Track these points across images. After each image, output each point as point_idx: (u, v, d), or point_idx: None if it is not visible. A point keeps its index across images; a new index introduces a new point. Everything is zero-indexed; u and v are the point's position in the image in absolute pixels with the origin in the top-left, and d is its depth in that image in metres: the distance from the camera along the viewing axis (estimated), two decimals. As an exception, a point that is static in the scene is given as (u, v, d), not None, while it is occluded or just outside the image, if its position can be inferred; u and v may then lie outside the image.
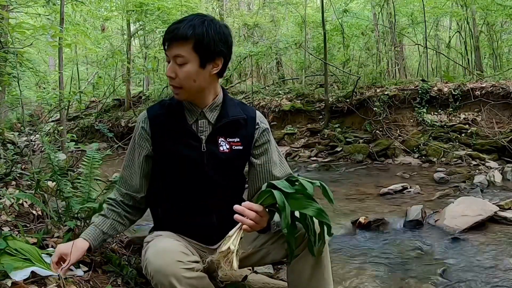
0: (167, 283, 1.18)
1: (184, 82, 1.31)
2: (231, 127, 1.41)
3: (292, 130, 7.98)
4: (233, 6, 13.51)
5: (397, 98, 7.15)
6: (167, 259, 1.21)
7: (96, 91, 11.45)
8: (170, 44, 1.29)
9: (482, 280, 2.22)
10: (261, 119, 1.49)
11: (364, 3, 11.19)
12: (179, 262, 1.21)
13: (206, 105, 1.40)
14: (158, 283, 1.20)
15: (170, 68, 1.31)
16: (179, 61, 1.29)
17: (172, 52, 1.29)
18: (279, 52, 11.08)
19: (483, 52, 10.06)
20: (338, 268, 2.47)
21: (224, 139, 1.41)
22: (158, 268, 1.19)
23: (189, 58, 1.29)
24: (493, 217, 3.17)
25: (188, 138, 1.38)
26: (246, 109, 1.49)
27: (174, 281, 1.18)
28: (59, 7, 5.29)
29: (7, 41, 3.88)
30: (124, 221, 1.47)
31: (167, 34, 1.29)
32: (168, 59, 1.32)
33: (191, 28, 1.27)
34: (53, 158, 1.84)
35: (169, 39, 1.29)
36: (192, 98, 1.38)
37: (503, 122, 6.30)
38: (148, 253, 1.26)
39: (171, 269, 1.19)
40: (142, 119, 1.43)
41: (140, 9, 9.37)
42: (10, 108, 5.76)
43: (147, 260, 1.24)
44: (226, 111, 1.41)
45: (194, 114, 1.40)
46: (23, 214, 1.95)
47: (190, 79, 1.31)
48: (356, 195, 4.39)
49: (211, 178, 1.39)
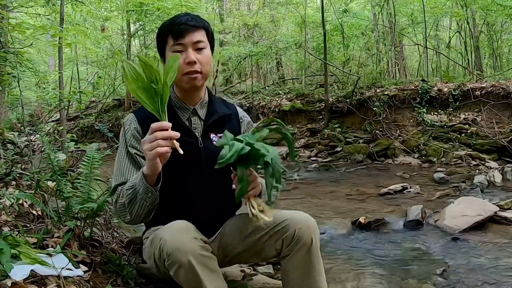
0: (185, 260, 1.17)
1: (204, 67, 1.38)
2: (220, 123, 1.48)
3: (292, 130, 7.98)
4: (233, 6, 13.52)
5: (397, 98, 7.15)
6: (184, 237, 1.21)
7: (96, 91, 11.46)
8: (189, 32, 1.35)
9: (482, 280, 2.22)
10: (243, 114, 1.59)
11: (364, 3, 11.19)
12: (196, 240, 1.23)
13: (197, 102, 1.46)
14: (175, 262, 1.19)
15: (190, 55, 1.35)
16: (201, 45, 1.37)
17: (194, 37, 1.36)
18: (279, 52, 11.09)
19: (483, 52, 10.07)
20: (338, 268, 2.47)
21: (215, 135, 1.46)
22: (176, 246, 1.19)
23: (207, 44, 1.39)
24: (493, 217, 3.17)
25: (184, 135, 1.37)
26: (228, 105, 1.58)
27: (192, 258, 1.18)
28: (59, 7, 5.30)
29: (7, 41, 3.88)
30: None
31: (184, 24, 1.35)
32: (182, 48, 1.35)
33: (200, 19, 1.39)
34: (53, 158, 1.84)
35: (189, 27, 1.35)
36: (201, 88, 1.44)
37: (503, 122, 6.30)
38: (163, 233, 1.24)
39: (189, 246, 1.20)
40: (131, 121, 1.42)
41: (140, 9, 9.37)
42: (10, 108, 5.76)
43: (162, 240, 1.22)
44: (215, 108, 1.49)
45: (186, 112, 1.44)
46: (23, 214, 1.95)
47: (209, 63, 1.40)
48: (356, 195, 4.39)
49: (209, 174, 1.39)
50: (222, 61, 11.19)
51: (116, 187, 1.37)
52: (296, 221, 1.39)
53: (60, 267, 1.40)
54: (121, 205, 1.32)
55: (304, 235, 1.36)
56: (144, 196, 1.26)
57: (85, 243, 1.72)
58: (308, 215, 1.45)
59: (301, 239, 1.36)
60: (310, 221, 1.41)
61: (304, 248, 1.36)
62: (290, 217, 1.41)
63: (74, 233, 1.70)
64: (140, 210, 1.29)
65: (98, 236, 1.90)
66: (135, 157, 1.39)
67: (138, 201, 1.28)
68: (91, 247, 1.73)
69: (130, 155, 1.39)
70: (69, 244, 1.64)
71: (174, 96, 1.46)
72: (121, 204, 1.32)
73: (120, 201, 1.32)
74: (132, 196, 1.28)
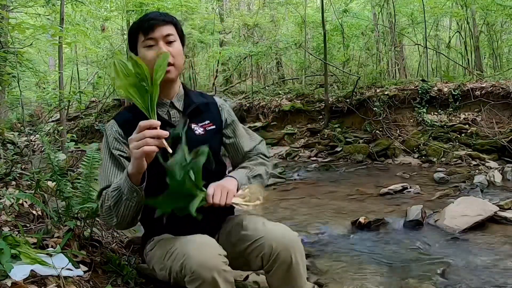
0: (210, 277, 1.16)
1: (177, 59, 1.39)
2: (198, 113, 1.49)
3: (292, 130, 7.99)
4: (233, 6, 13.52)
5: (397, 98, 7.15)
6: (209, 253, 1.21)
7: (96, 91, 11.44)
8: (159, 26, 1.38)
9: (482, 280, 2.22)
10: (221, 102, 1.60)
11: (364, 3, 11.19)
12: (220, 256, 1.22)
13: (173, 95, 1.47)
14: (199, 278, 1.17)
15: (162, 47, 1.36)
16: (171, 38, 1.39)
17: (163, 31, 1.38)
18: (279, 52, 11.09)
19: (483, 52, 10.07)
20: (338, 268, 2.48)
21: (196, 124, 1.48)
22: (201, 262, 1.17)
23: (176, 37, 1.41)
24: (493, 217, 3.17)
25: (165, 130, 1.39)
26: (205, 96, 1.60)
27: (216, 275, 1.17)
28: (59, 7, 5.30)
29: (7, 41, 3.88)
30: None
31: (153, 20, 1.38)
32: (153, 42, 1.37)
33: (168, 15, 1.42)
34: (53, 158, 1.84)
35: (158, 22, 1.38)
36: (174, 81, 1.45)
37: (503, 122, 6.30)
38: (187, 249, 1.22)
39: (214, 262, 1.19)
40: (112, 125, 1.42)
41: (140, 9, 9.36)
42: (10, 108, 5.76)
43: (186, 256, 1.20)
44: (191, 99, 1.50)
45: (164, 107, 1.45)
46: (23, 214, 1.95)
47: (180, 55, 1.41)
48: (356, 195, 4.39)
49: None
50: (222, 61, 11.20)
51: (101, 191, 1.35)
52: (271, 239, 1.32)
53: (60, 267, 1.40)
54: (107, 208, 1.30)
55: (282, 254, 1.30)
56: (129, 196, 1.25)
57: (85, 243, 1.72)
58: (287, 231, 1.38)
59: (278, 258, 1.30)
60: (287, 238, 1.34)
61: (283, 266, 1.31)
62: (265, 234, 1.34)
63: (74, 233, 1.70)
64: (126, 211, 1.28)
65: (98, 236, 1.90)
66: (119, 159, 1.38)
67: (124, 202, 1.26)
68: (91, 247, 1.73)
69: (113, 158, 1.38)
70: (69, 244, 1.64)
71: None
72: (107, 207, 1.30)
73: (106, 204, 1.30)
74: (118, 197, 1.26)
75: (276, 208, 3.92)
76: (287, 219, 3.53)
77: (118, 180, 1.29)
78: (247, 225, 1.40)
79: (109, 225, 1.40)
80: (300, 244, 1.34)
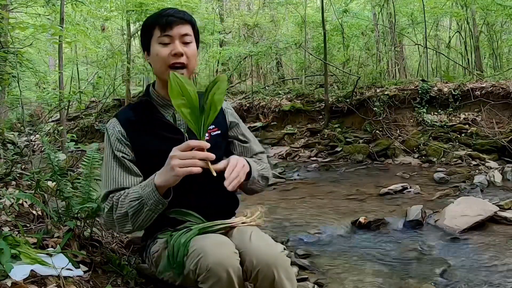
0: (225, 274, 1.15)
1: (191, 61, 1.36)
2: None
3: (292, 130, 7.99)
4: (233, 6, 13.51)
5: (397, 98, 7.15)
6: (226, 251, 1.20)
7: (96, 91, 11.43)
8: (178, 24, 1.33)
9: (482, 280, 2.22)
10: (226, 105, 1.55)
11: (364, 3, 11.19)
12: (235, 254, 1.22)
13: None
14: (215, 276, 1.15)
15: (177, 46, 1.32)
16: (187, 39, 1.35)
17: (182, 30, 1.34)
18: (279, 52, 11.08)
19: (483, 52, 10.06)
20: (338, 268, 2.48)
21: None
22: (218, 261, 1.16)
23: (193, 38, 1.37)
24: (493, 217, 3.18)
25: (169, 133, 1.37)
26: None
27: (232, 273, 1.16)
28: (59, 7, 5.29)
29: (7, 41, 3.88)
30: None
31: (172, 16, 1.33)
32: (169, 40, 1.33)
33: (187, 14, 1.37)
34: (53, 158, 1.84)
35: (177, 19, 1.33)
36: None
37: (503, 122, 6.30)
38: (203, 248, 1.20)
39: (230, 261, 1.18)
40: (114, 124, 1.38)
41: (140, 9, 9.36)
42: (10, 108, 5.76)
43: (202, 254, 1.18)
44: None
45: (169, 109, 1.41)
46: (23, 214, 1.95)
47: (195, 57, 1.38)
48: (356, 195, 4.39)
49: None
50: (222, 61, 11.20)
51: (108, 194, 1.31)
52: (252, 255, 1.25)
53: (60, 267, 1.40)
54: (120, 216, 1.27)
55: (263, 270, 1.23)
56: (153, 207, 1.23)
57: (85, 243, 1.72)
58: (270, 247, 1.29)
59: (260, 274, 1.23)
60: (269, 255, 1.25)
61: (266, 281, 1.24)
62: (247, 249, 1.27)
63: (74, 233, 1.70)
64: (145, 221, 1.26)
65: (98, 236, 1.89)
66: (123, 161, 1.34)
67: (145, 212, 1.24)
68: (91, 247, 1.73)
69: (117, 159, 1.34)
70: (69, 244, 1.64)
71: (156, 95, 1.43)
72: (120, 215, 1.27)
73: (120, 211, 1.27)
74: (138, 207, 1.24)
75: (276, 208, 3.92)
76: (287, 219, 3.53)
77: (137, 188, 1.26)
78: (235, 234, 1.34)
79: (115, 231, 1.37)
80: (284, 260, 1.27)
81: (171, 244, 1.26)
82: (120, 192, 1.30)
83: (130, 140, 1.36)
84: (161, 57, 1.33)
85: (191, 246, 1.24)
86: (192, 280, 1.21)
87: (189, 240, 1.25)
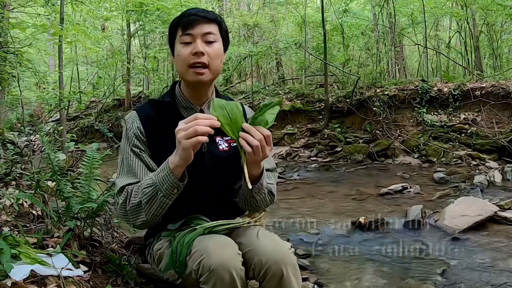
0: (228, 276, 1.14)
1: (213, 61, 1.30)
2: None
3: (292, 130, 7.99)
4: (233, 6, 13.51)
5: (397, 98, 7.15)
6: (229, 253, 1.19)
7: (96, 91, 11.44)
8: (199, 22, 1.29)
9: (482, 280, 2.22)
10: (249, 110, 1.51)
11: (364, 3, 11.20)
12: (238, 255, 1.21)
13: (204, 101, 1.38)
14: (217, 277, 1.14)
15: (198, 45, 1.27)
16: (211, 38, 1.29)
17: (204, 29, 1.29)
18: (279, 52, 11.09)
19: (483, 52, 10.07)
20: (338, 268, 2.48)
21: (221, 138, 1.39)
22: (221, 261, 1.15)
23: (218, 38, 1.32)
24: (493, 217, 3.18)
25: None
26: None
27: (234, 274, 1.15)
28: (59, 7, 5.30)
29: (7, 41, 3.88)
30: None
31: (193, 15, 1.29)
32: (191, 39, 1.29)
33: (212, 13, 1.32)
34: (53, 158, 1.84)
35: (198, 18, 1.29)
36: (209, 84, 1.36)
37: (503, 122, 6.30)
38: (206, 248, 1.19)
39: (233, 262, 1.17)
40: (134, 119, 1.35)
41: (140, 9, 9.37)
42: (10, 108, 5.75)
43: (205, 254, 1.17)
44: None
45: (191, 112, 1.33)
46: (23, 214, 1.95)
47: (219, 58, 1.32)
48: (356, 195, 4.39)
49: (212, 179, 1.36)
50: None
51: (124, 187, 1.27)
52: (261, 253, 1.24)
53: (60, 267, 1.40)
54: (133, 206, 1.24)
55: (272, 267, 1.22)
56: (167, 193, 1.20)
57: (85, 243, 1.72)
58: (279, 244, 1.28)
59: (269, 271, 1.22)
60: (278, 252, 1.25)
61: (274, 279, 1.24)
62: (256, 246, 1.26)
63: (74, 233, 1.70)
64: (159, 209, 1.22)
65: (98, 236, 1.89)
66: (141, 156, 1.32)
67: (159, 199, 1.21)
68: (91, 247, 1.73)
69: (135, 153, 1.32)
70: (69, 244, 1.64)
71: (180, 95, 1.39)
72: (134, 205, 1.24)
73: (134, 201, 1.23)
74: (153, 194, 1.20)
75: (276, 208, 3.92)
76: (287, 219, 3.53)
77: (152, 175, 1.24)
78: (242, 233, 1.34)
79: (128, 224, 1.34)
80: (292, 257, 1.27)
81: (175, 243, 1.26)
82: (135, 184, 1.27)
83: (147, 138, 1.33)
84: (182, 57, 1.28)
85: (194, 246, 1.23)
86: (194, 280, 1.21)
87: (192, 240, 1.25)
